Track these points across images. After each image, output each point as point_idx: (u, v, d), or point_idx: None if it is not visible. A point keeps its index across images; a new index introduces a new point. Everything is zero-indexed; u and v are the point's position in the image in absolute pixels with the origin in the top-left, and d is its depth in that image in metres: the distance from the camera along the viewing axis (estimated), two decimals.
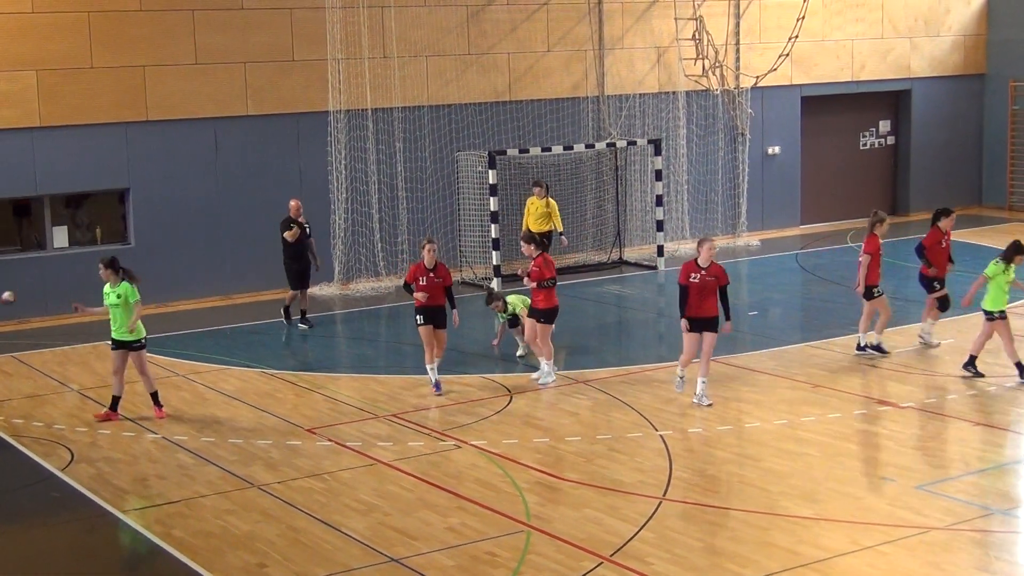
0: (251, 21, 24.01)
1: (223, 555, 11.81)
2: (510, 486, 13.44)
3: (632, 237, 27.97)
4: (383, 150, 25.29)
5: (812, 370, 17.81)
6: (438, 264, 17.22)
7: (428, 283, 17.00)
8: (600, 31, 27.56)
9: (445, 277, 17.26)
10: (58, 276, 22.80)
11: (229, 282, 24.26)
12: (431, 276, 17.07)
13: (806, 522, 12.20)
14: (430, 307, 17.09)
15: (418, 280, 17.05)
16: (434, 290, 17.06)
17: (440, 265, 17.28)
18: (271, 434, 15.59)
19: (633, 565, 11.25)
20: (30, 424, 16.33)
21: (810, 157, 30.95)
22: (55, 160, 22.65)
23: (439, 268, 17.22)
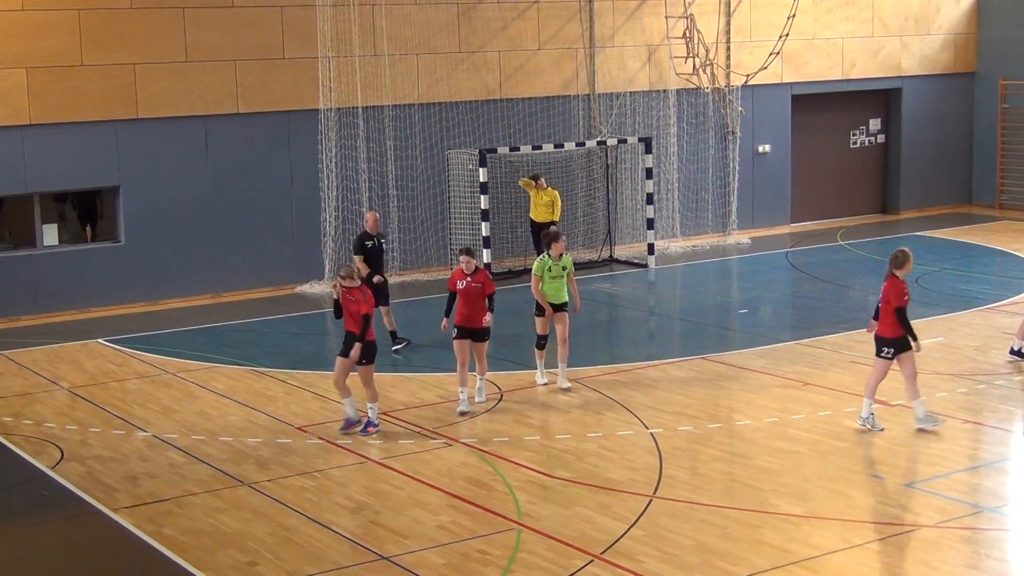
0: (241, 19, 23.98)
1: (214, 553, 11.80)
2: (501, 484, 13.45)
3: (623, 235, 27.98)
4: (374, 148, 25.28)
5: (802, 368, 17.83)
6: (478, 269, 16.33)
7: (467, 288, 16.12)
8: (591, 29, 27.56)
9: (486, 284, 16.31)
10: (48, 274, 22.76)
11: (219, 280, 24.23)
12: (470, 282, 16.17)
13: (797, 520, 12.22)
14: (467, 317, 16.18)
15: (457, 284, 16.21)
16: (473, 297, 16.16)
17: (480, 271, 16.38)
18: (262, 432, 15.58)
19: (624, 563, 11.26)
20: (20, 422, 16.30)
21: (800, 155, 30.98)
22: (45, 158, 22.60)
23: (478, 273, 16.31)
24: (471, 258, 16.24)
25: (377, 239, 19.61)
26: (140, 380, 18.35)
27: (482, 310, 16.19)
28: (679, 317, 22.63)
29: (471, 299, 16.17)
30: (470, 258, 16.22)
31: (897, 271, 14.78)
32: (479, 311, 16.18)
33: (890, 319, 14.73)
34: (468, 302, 16.16)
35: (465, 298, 16.17)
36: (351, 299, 15.34)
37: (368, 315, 15.20)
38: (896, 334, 14.71)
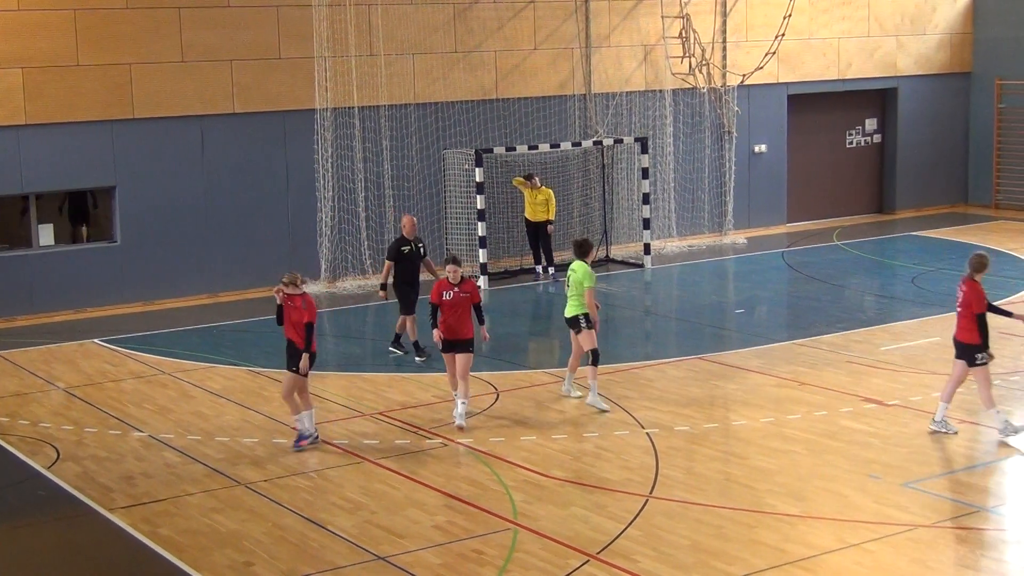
0: (238, 19, 23.97)
1: (210, 553, 11.80)
2: (497, 484, 13.44)
3: (619, 235, 27.97)
4: (370, 148, 25.27)
5: (798, 368, 17.84)
6: (464, 279, 15.74)
7: (454, 298, 15.48)
8: (587, 29, 27.56)
9: (473, 294, 15.71)
10: (44, 274, 22.74)
11: (216, 280, 24.22)
12: (458, 292, 15.55)
13: (792, 520, 12.22)
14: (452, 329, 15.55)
15: (443, 295, 15.52)
16: (460, 308, 15.56)
17: (467, 280, 15.79)
18: (257, 432, 15.58)
19: (620, 563, 11.26)
20: (16, 422, 16.29)
21: (797, 155, 30.99)
22: (41, 158, 22.58)
23: (465, 283, 15.71)
24: (458, 267, 15.67)
25: (414, 244, 18.91)
26: (136, 380, 18.34)
27: (467, 322, 15.55)
28: (675, 317, 22.64)
29: (457, 310, 15.54)
30: (457, 267, 15.64)
31: (976, 275, 14.65)
32: (464, 323, 15.56)
33: (971, 323, 14.52)
34: (454, 313, 15.53)
35: (451, 309, 15.52)
36: (293, 307, 14.85)
37: (311, 324, 14.75)
38: (976, 340, 14.49)
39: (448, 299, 15.52)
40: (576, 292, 16.03)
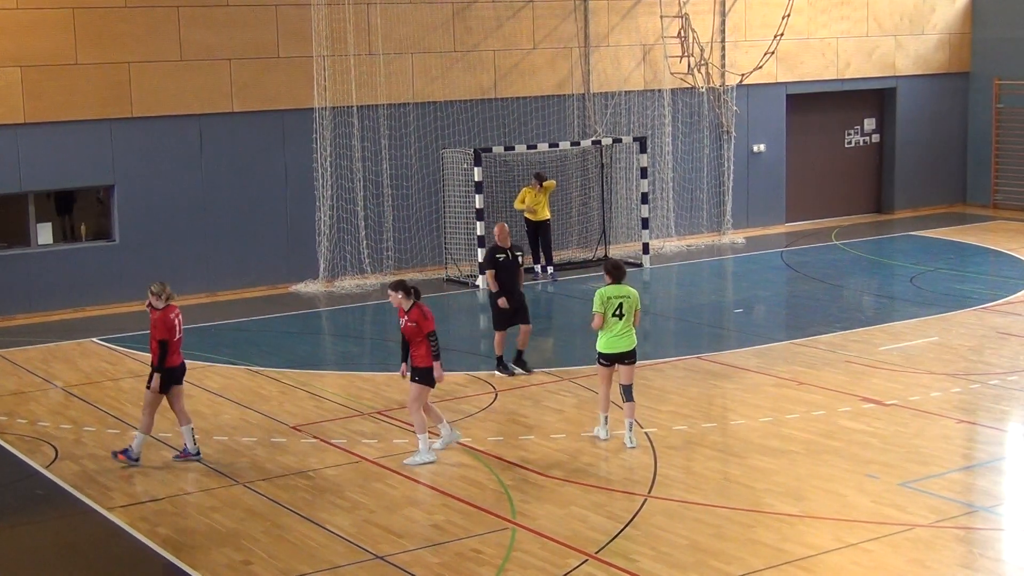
0: (236, 18, 23.95)
1: (208, 552, 11.79)
2: (495, 483, 13.44)
3: (617, 234, 27.97)
4: (368, 147, 25.26)
5: (797, 367, 17.84)
6: (414, 305, 14.22)
7: (404, 328, 14.20)
8: (586, 29, 27.55)
9: (421, 322, 14.11)
10: (43, 273, 22.73)
11: (214, 279, 24.21)
12: (406, 321, 14.22)
13: (791, 519, 12.23)
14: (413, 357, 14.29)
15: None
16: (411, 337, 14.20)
17: (416, 307, 14.20)
18: (256, 431, 15.57)
19: (618, 562, 11.26)
20: (14, 421, 16.28)
21: (795, 155, 30.99)
22: (39, 157, 22.57)
23: (413, 311, 14.19)
24: (402, 293, 14.19)
25: (510, 252, 17.82)
26: (135, 379, 18.32)
27: (423, 352, 14.07)
28: (674, 316, 22.64)
29: (410, 340, 14.20)
30: (397, 293, 14.20)
31: None
32: (420, 353, 14.12)
33: None
34: (411, 343, 14.22)
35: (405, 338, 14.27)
36: (151, 321, 14.32)
37: (163, 342, 14.10)
38: None
39: (401, 326, 14.31)
40: (631, 319, 14.58)
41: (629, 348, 14.54)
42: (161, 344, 14.16)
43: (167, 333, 14.18)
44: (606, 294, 14.49)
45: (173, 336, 14.29)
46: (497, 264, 17.77)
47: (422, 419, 14.18)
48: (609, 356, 14.52)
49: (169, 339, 14.20)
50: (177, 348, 14.43)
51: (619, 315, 14.43)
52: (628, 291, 14.57)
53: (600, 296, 14.49)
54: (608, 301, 14.44)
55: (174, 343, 14.34)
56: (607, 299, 14.45)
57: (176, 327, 14.38)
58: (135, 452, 14.41)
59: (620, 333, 14.47)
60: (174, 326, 14.33)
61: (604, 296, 14.47)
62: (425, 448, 14.13)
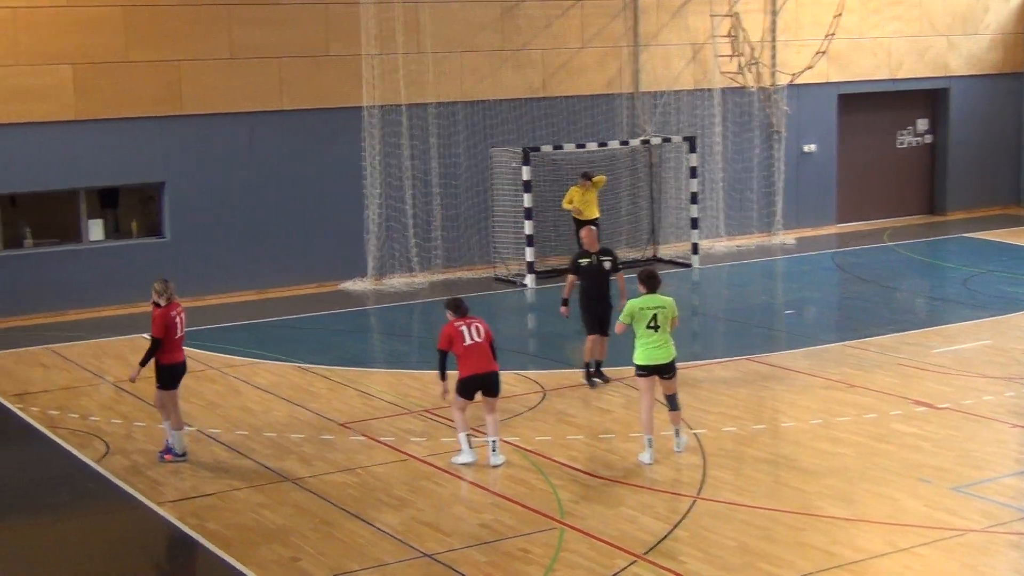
0: (286, 16, 24.04)
1: (257, 548, 11.82)
2: (543, 483, 13.41)
3: (666, 234, 27.87)
4: (417, 145, 25.29)
5: (848, 370, 17.70)
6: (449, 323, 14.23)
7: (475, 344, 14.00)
8: (635, 27, 27.47)
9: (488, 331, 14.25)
10: (94, 269, 22.89)
11: (263, 276, 24.31)
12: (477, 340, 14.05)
13: (841, 523, 12.12)
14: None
15: (464, 341, 13.99)
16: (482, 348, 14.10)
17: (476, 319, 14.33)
18: (305, 428, 15.61)
19: (667, 564, 11.20)
20: (66, 416, 16.40)
21: (847, 155, 30.78)
22: (91, 154, 22.74)
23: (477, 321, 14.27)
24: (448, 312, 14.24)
25: (596, 257, 17.23)
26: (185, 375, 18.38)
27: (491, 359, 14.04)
28: (723, 317, 22.52)
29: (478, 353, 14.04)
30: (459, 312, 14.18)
31: None
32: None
33: None
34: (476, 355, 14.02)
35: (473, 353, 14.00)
36: (152, 317, 14.41)
37: (155, 339, 14.18)
38: None
39: (469, 345, 13.95)
40: (668, 330, 14.05)
41: (666, 360, 13.97)
42: (154, 341, 14.23)
43: (162, 331, 14.24)
44: (637, 305, 13.97)
45: (173, 334, 14.35)
46: (580, 269, 17.18)
47: (461, 418, 14.10)
48: (646, 367, 13.98)
49: (167, 337, 14.26)
50: (179, 346, 14.50)
51: (654, 327, 13.87)
52: (663, 301, 14.00)
53: (630, 307, 14.01)
54: (640, 312, 13.91)
55: (175, 341, 14.40)
56: (638, 310, 13.93)
57: (176, 325, 14.44)
58: (178, 448, 14.47)
59: (656, 344, 13.92)
60: (174, 324, 14.40)
61: (635, 308, 13.96)
62: (467, 447, 14.10)
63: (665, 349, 13.95)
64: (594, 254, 17.20)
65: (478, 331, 14.01)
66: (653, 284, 14.09)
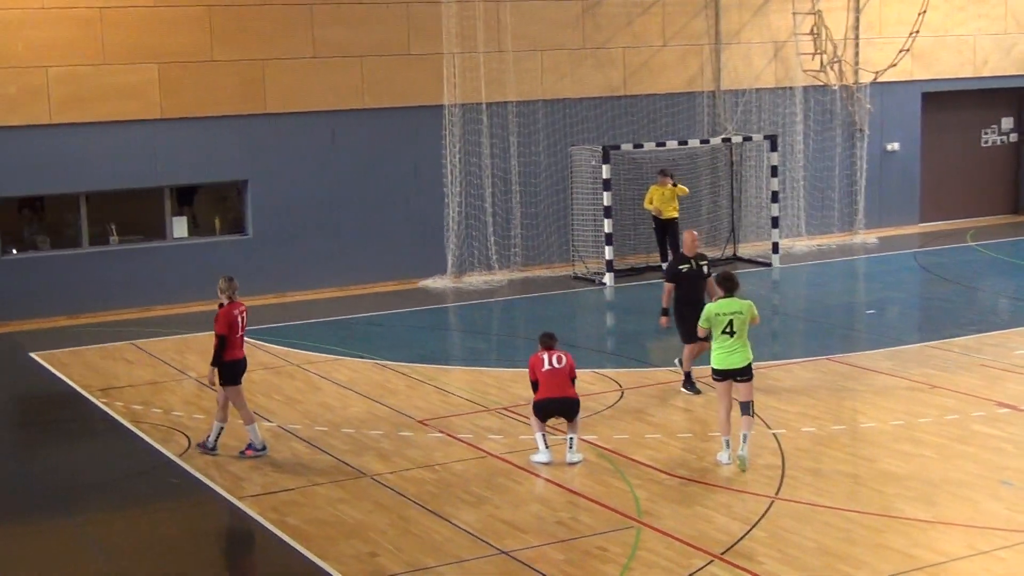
0: (368, 15, 24.21)
1: (336, 543, 11.92)
2: (620, 481, 13.40)
3: (747, 233, 27.73)
4: (497, 144, 25.36)
5: (929, 370, 17.51)
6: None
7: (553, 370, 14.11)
8: (716, 26, 27.36)
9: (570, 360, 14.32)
10: (177, 266, 23.20)
11: (344, 273, 24.50)
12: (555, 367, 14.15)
13: (922, 525, 12.00)
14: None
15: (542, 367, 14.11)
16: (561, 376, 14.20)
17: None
18: (383, 425, 15.71)
19: (744, 564, 11.15)
20: (149, 410, 16.63)
21: (930, 154, 30.45)
22: (175, 152, 23.05)
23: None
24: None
25: (695, 262, 16.70)
26: (265, 371, 18.62)
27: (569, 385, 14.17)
28: (803, 317, 22.37)
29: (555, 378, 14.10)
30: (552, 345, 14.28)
31: None
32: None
33: None
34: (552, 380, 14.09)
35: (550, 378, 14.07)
36: (216, 315, 14.60)
37: (220, 335, 14.40)
38: None
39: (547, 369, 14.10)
40: (745, 335, 13.83)
41: (742, 364, 13.73)
42: (219, 339, 14.41)
43: (225, 329, 14.42)
44: (714, 310, 13.78)
45: (235, 332, 14.50)
46: (679, 276, 16.62)
47: (537, 421, 14.18)
48: (721, 372, 13.79)
49: (229, 335, 14.42)
50: (240, 344, 14.63)
51: (729, 332, 13.67)
52: (740, 305, 13.73)
53: (707, 312, 13.84)
54: (716, 318, 13.71)
55: (236, 339, 14.54)
56: (714, 315, 13.73)
57: (238, 323, 14.57)
58: (257, 443, 14.62)
59: (731, 349, 13.72)
60: (236, 322, 14.54)
61: (711, 312, 13.78)
62: (543, 446, 14.14)
63: (740, 354, 13.75)
64: (692, 259, 16.76)
65: (559, 360, 14.12)
66: (728, 286, 13.88)
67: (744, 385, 13.77)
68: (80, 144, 22.40)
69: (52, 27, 22.01)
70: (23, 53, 21.86)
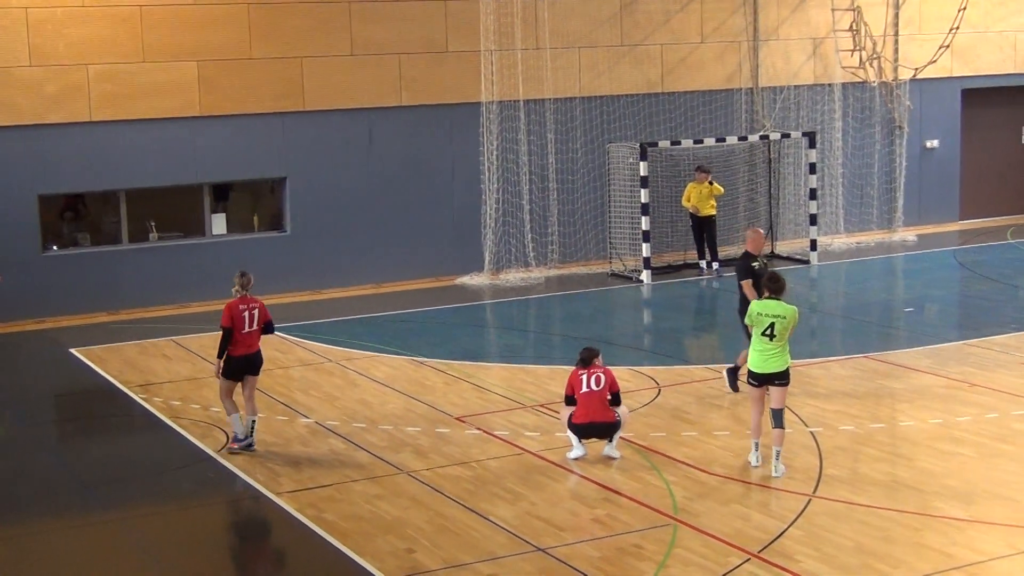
0: (406, 13, 24.26)
1: (373, 539, 11.97)
2: (657, 479, 13.39)
3: (785, 231, 27.63)
4: (535, 141, 25.37)
5: (969, 369, 17.41)
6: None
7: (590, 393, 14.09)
8: (755, 22, 27.27)
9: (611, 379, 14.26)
10: (216, 262, 23.31)
11: (381, 270, 24.57)
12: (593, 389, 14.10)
13: (960, 524, 11.94)
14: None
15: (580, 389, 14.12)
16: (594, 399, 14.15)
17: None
18: (420, 421, 15.75)
19: (781, 562, 11.12)
20: (188, 406, 16.73)
21: (970, 151, 30.25)
22: (214, 149, 23.16)
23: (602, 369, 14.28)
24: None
25: (762, 259, 16.46)
26: (303, 367, 18.69)
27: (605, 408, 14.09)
28: (842, 315, 22.27)
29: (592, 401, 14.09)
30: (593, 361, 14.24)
31: None
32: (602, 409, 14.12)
33: None
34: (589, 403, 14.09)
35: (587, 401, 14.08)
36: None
37: (223, 329, 14.48)
38: None
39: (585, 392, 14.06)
40: (785, 340, 13.46)
41: (780, 369, 13.39)
42: (223, 332, 14.46)
43: (227, 322, 14.46)
44: (756, 309, 13.45)
45: (240, 327, 14.51)
46: (753, 273, 16.05)
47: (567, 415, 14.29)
48: (758, 376, 13.49)
49: (234, 329, 14.45)
50: (247, 340, 14.61)
51: (769, 335, 13.35)
52: (784, 310, 13.33)
53: (749, 310, 13.60)
54: (758, 318, 13.39)
55: (241, 335, 14.54)
56: (756, 315, 13.42)
57: (244, 319, 14.55)
58: (240, 433, 14.71)
59: (770, 353, 13.38)
60: (241, 317, 14.54)
61: (754, 311, 13.47)
62: (576, 442, 14.15)
63: (780, 358, 13.41)
64: (760, 256, 16.47)
65: (598, 380, 14.07)
66: (774, 287, 13.48)
67: (779, 390, 13.48)
68: (120, 141, 22.56)
69: (92, 25, 22.16)
70: (64, 51, 22.01)
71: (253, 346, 14.71)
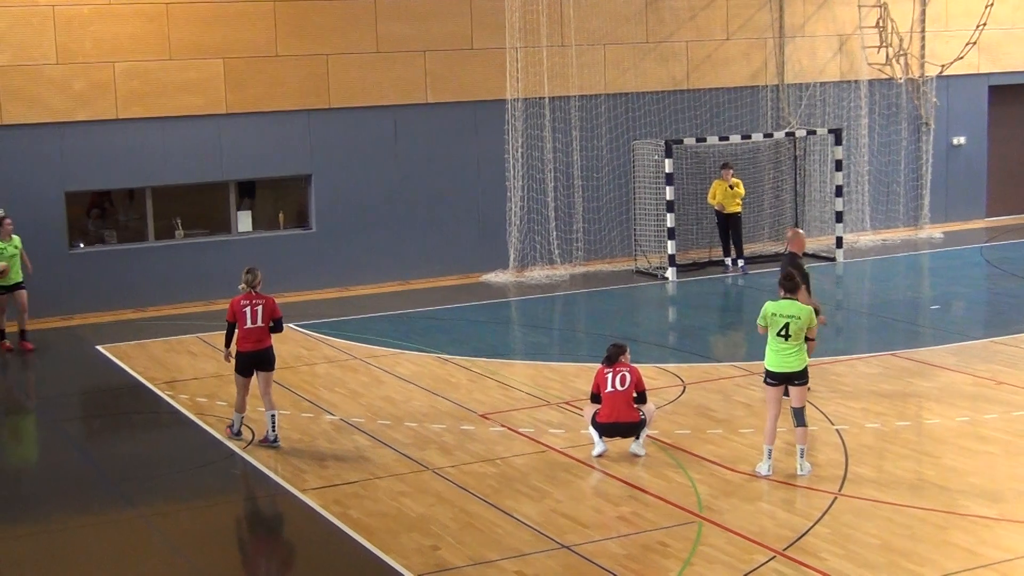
0: (431, 10, 24.28)
1: (398, 536, 11.99)
2: (682, 476, 13.38)
3: (810, 228, 27.50)
4: (559, 138, 25.36)
5: (995, 366, 17.33)
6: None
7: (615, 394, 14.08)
8: (780, 19, 27.19)
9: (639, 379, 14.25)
10: (242, 259, 23.28)
11: (407, 268, 24.60)
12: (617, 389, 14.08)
13: (987, 522, 11.89)
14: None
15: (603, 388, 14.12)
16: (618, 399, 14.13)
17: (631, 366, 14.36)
18: (445, 419, 15.77)
19: (806, 560, 11.10)
20: (214, 403, 16.78)
21: (997, 148, 30.10)
22: (240, 147, 23.23)
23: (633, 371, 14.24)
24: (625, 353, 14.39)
25: (803, 259, 16.50)
26: (329, 364, 18.73)
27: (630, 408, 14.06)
28: (867, 312, 22.20)
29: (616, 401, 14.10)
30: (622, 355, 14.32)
31: None
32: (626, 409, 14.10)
33: None
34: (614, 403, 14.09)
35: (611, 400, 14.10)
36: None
37: (227, 323, 14.84)
38: None
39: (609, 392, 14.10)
40: (801, 339, 13.25)
41: (798, 368, 13.19)
42: (227, 325, 14.82)
43: (230, 316, 14.75)
44: (770, 310, 13.24)
45: (242, 323, 14.65)
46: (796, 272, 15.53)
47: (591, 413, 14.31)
48: (775, 375, 13.28)
49: (237, 325, 14.67)
50: (251, 336, 14.71)
51: (784, 335, 13.14)
52: (799, 310, 13.13)
53: (764, 310, 13.30)
54: (772, 318, 13.20)
55: (243, 330, 14.67)
56: (770, 315, 13.22)
57: (246, 314, 14.66)
58: (235, 427, 15.10)
59: (786, 352, 13.17)
60: (242, 313, 14.67)
61: (767, 311, 13.26)
62: (597, 439, 14.16)
63: (797, 357, 13.20)
64: (802, 256, 16.36)
65: (623, 380, 14.06)
66: (788, 287, 13.30)
67: (798, 389, 13.30)
68: (146, 139, 22.64)
69: (119, 23, 22.25)
70: (90, 49, 22.11)
71: (261, 342, 14.79)
